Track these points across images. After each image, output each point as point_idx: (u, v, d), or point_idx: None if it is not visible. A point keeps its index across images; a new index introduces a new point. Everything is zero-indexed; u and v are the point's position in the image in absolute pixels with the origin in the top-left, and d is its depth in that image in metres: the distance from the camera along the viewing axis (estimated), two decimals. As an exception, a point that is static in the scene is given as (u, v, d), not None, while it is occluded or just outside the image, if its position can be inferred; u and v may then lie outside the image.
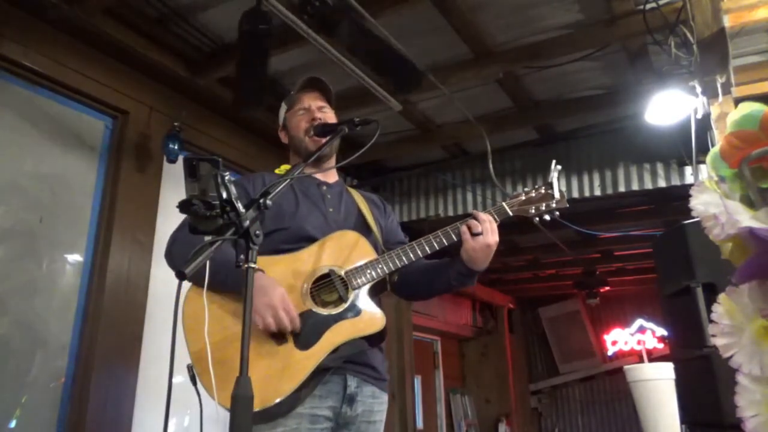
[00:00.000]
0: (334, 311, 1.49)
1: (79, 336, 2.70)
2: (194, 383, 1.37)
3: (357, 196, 1.80)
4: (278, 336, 1.44)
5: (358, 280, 1.52)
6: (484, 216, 1.57)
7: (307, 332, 1.45)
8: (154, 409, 2.86)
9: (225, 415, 1.36)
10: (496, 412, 7.72)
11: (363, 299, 1.52)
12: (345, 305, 1.50)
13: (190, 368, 1.38)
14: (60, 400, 2.60)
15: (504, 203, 1.65)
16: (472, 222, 1.56)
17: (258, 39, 2.50)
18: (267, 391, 1.36)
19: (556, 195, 1.64)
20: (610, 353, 8.35)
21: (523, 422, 8.20)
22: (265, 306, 1.40)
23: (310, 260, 1.55)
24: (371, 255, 1.58)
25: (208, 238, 1.10)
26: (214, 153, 3.34)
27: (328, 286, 1.53)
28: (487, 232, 1.54)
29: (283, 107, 1.86)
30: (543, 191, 1.66)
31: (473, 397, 7.80)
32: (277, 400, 1.37)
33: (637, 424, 4.41)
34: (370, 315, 1.52)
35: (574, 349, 8.65)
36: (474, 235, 1.54)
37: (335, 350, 1.46)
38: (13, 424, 2.42)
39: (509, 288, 8.14)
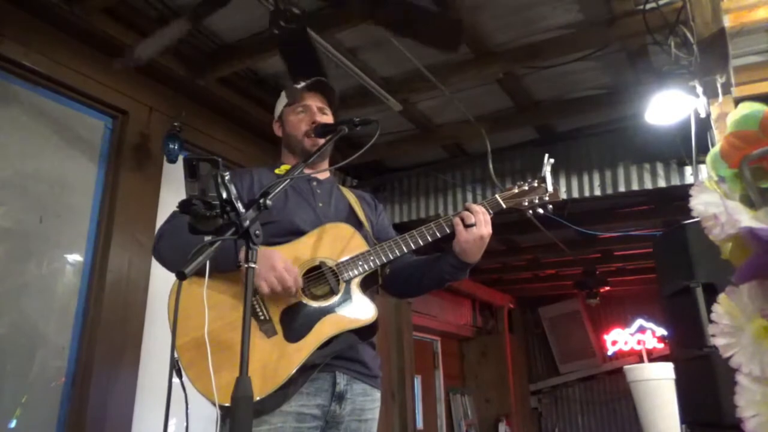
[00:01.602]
0: (325, 303, 1.48)
1: (78, 336, 2.69)
2: (179, 376, 1.36)
3: (348, 193, 1.80)
4: (268, 328, 1.43)
5: (349, 273, 1.52)
6: (477, 207, 1.56)
7: (296, 324, 1.44)
8: (154, 409, 2.86)
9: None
10: (496, 412, 7.72)
11: (354, 292, 1.52)
12: (335, 298, 1.49)
13: (175, 361, 1.38)
14: (60, 400, 2.60)
15: (497, 196, 1.65)
16: (465, 213, 1.56)
17: (293, 33, 2.43)
18: (254, 387, 1.36)
19: (549, 188, 1.64)
20: (610, 353, 8.35)
21: (523, 422, 8.20)
22: (266, 269, 1.39)
23: (305, 251, 1.54)
24: (364, 249, 1.58)
25: (208, 238, 1.10)
26: (214, 153, 3.35)
27: (319, 278, 1.52)
28: (480, 223, 1.54)
29: (283, 98, 1.84)
30: (536, 184, 1.65)
31: (473, 397, 7.80)
32: (260, 398, 1.36)
33: (637, 424, 4.41)
34: (361, 307, 1.51)
35: (574, 349, 8.65)
36: (467, 226, 1.54)
37: (325, 344, 1.45)
38: (13, 424, 2.42)
39: (509, 288, 8.14)
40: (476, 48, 3.10)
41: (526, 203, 1.64)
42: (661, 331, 7.58)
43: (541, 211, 1.65)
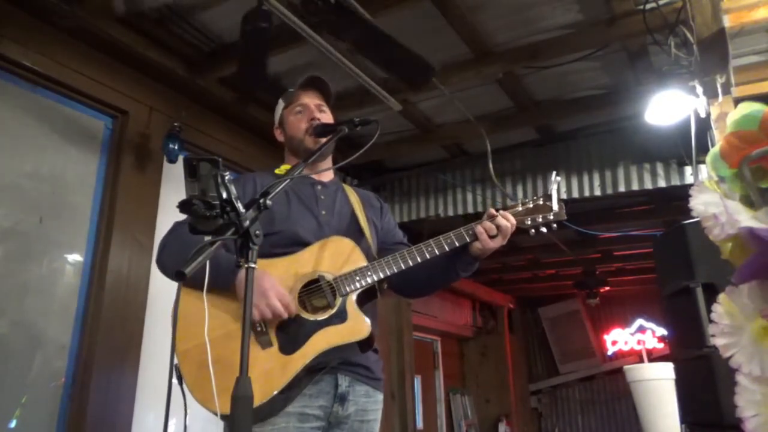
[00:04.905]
0: (320, 317, 1.48)
1: (78, 336, 2.70)
2: (180, 383, 1.38)
3: (352, 196, 1.78)
4: (264, 340, 1.44)
5: (347, 287, 1.51)
6: (505, 223, 1.57)
7: (292, 337, 1.45)
8: (154, 409, 2.86)
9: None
10: (496, 412, 7.72)
11: (350, 306, 1.51)
12: (332, 312, 1.49)
13: (176, 368, 1.39)
14: (60, 400, 2.60)
15: (500, 213, 1.64)
16: (490, 226, 1.56)
17: (258, 38, 2.49)
18: None
19: (554, 207, 1.61)
20: (610, 353, 8.35)
21: (523, 422, 8.20)
22: (258, 295, 1.40)
23: (306, 264, 1.54)
24: (363, 264, 1.57)
25: (208, 238, 1.10)
26: (214, 153, 3.34)
27: (318, 292, 1.52)
28: (506, 236, 1.58)
29: (280, 104, 1.84)
30: (541, 202, 1.63)
31: (473, 397, 7.80)
32: (257, 405, 1.36)
33: (637, 424, 4.41)
34: (355, 323, 1.50)
35: (574, 349, 8.65)
36: (491, 237, 1.56)
37: (320, 356, 1.45)
38: (13, 424, 2.42)
39: (509, 288, 8.14)
40: (476, 48, 3.10)
41: (529, 222, 1.62)
42: (661, 331, 7.58)
43: (544, 230, 1.62)
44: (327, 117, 1.78)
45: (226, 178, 1.11)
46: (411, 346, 5.46)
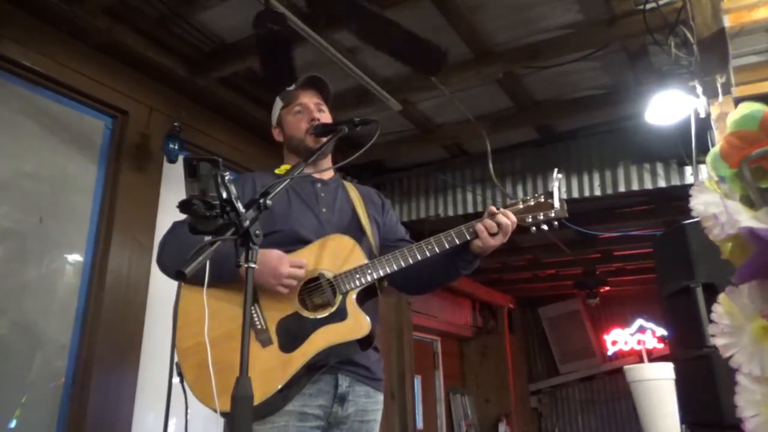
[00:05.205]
0: (320, 315, 1.48)
1: (78, 336, 2.70)
2: (181, 380, 1.38)
3: (353, 193, 1.78)
4: (264, 338, 1.44)
5: (346, 285, 1.51)
6: (505, 220, 1.55)
7: (291, 335, 1.45)
8: (154, 409, 2.86)
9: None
10: (496, 412, 7.72)
11: (350, 305, 1.51)
12: (331, 310, 1.49)
13: (177, 365, 1.39)
14: (60, 400, 2.60)
15: (500, 211, 1.63)
16: (490, 224, 1.54)
17: (274, 38, 2.47)
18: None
19: (556, 204, 1.59)
20: (610, 353, 8.36)
21: (523, 422, 8.20)
22: (273, 273, 1.43)
23: (306, 262, 1.54)
24: (363, 262, 1.57)
25: (208, 238, 1.10)
26: (214, 153, 3.34)
27: (318, 290, 1.52)
28: (507, 234, 1.55)
29: (278, 103, 1.84)
30: (542, 200, 1.61)
31: (473, 397, 7.81)
32: (257, 403, 1.36)
33: (637, 424, 4.41)
34: (355, 321, 1.50)
35: (574, 349, 8.66)
36: (492, 234, 1.54)
37: (320, 353, 1.46)
38: (13, 424, 2.42)
39: (509, 288, 8.14)
40: (476, 48, 3.10)
41: (530, 219, 1.60)
42: (661, 331, 7.59)
43: (545, 227, 1.60)
44: (326, 117, 1.78)
45: (226, 178, 1.11)
46: (411, 345, 5.47)
